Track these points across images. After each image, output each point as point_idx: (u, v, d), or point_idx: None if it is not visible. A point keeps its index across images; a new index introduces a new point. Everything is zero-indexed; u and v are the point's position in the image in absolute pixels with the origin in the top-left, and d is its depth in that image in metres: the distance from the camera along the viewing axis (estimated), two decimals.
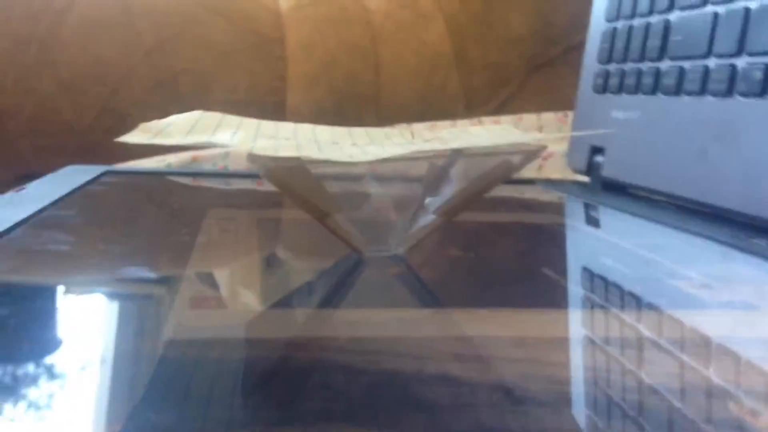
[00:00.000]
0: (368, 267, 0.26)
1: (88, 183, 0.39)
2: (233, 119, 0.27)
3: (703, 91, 0.35)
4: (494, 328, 0.20)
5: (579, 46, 0.50)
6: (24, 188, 0.36)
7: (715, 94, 0.34)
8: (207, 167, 0.52)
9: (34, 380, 0.16)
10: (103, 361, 0.17)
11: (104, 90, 0.70)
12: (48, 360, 0.17)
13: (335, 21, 0.76)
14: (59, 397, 0.15)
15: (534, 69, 0.80)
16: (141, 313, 0.21)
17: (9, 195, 0.35)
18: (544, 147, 0.24)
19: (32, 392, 0.15)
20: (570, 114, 0.67)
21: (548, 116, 0.65)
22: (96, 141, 0.70)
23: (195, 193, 0.43)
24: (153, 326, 0.20)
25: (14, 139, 0.69)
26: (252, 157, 0.23)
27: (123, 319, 0.21)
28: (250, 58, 0.74)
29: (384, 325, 0.21)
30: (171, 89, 0.71)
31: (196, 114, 0.26)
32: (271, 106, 0.75)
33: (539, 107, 0.73)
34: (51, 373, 0.16)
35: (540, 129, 0.64)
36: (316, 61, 0.75)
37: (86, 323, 0.20)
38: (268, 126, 0.27)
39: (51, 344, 0.18)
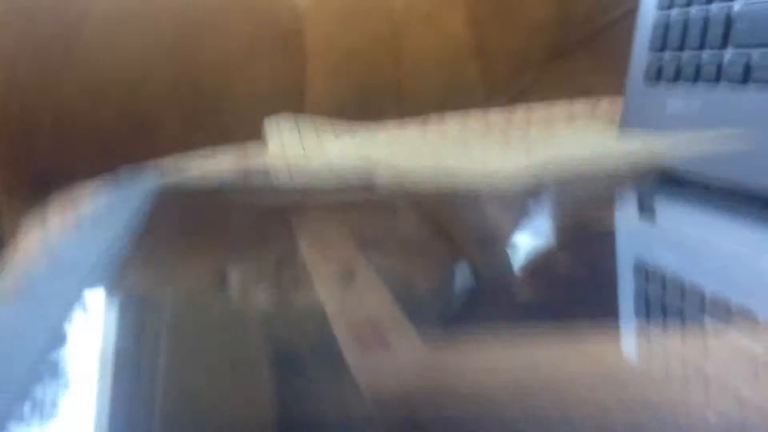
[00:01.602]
0: (483, 284, 0.25)
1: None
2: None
3: None
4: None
5: (599, 33, 0.49)
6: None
7: None
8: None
9: None
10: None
11: (124, 88, 0.69)
12: None
13: (356, 13, 0.76)
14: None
15: (554, 56, 0.80)
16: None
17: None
18: None
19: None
20: (601, 102, 0.67)
21: (581, 106, 0.65)
22: (117, 139, 0.69)
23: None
24: None
25: (37, 138, 0.68)
26: (375, 167, 0.23)
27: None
28: (271, 51, 0.73)
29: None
30: (193, 84, 0.70)
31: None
32: (294, 98, 0.74)
33: (559, 95, 0.73)
34: None
35: (572, 119, 0.64)
36: (337, 53, 0.75)
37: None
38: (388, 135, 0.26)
39: None
